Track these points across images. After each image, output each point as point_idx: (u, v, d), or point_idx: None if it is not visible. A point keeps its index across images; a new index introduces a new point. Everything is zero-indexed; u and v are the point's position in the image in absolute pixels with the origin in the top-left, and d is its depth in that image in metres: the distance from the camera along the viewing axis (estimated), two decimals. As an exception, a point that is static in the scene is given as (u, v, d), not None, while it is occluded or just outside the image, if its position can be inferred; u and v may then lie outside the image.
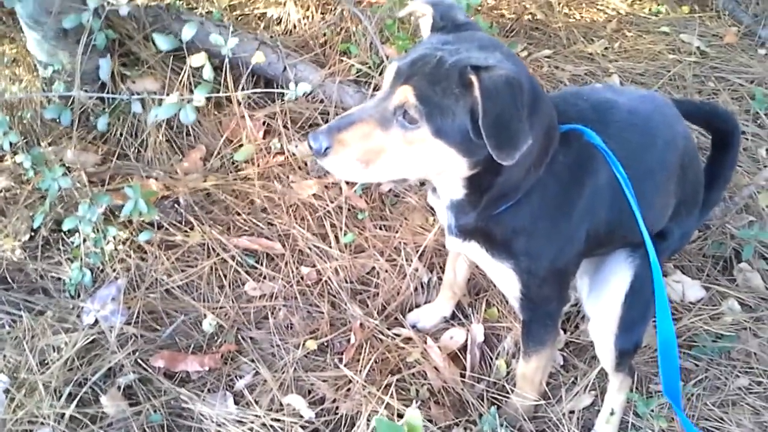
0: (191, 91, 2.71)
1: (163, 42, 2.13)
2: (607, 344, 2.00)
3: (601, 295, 2.00)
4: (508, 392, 2.25)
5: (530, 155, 1.59)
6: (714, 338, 2.44)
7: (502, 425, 2.11)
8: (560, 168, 1.72)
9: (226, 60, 2.25)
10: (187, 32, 2.07)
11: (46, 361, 2.17)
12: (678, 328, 2.45)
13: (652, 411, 2.11)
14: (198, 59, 2.10)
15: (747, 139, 3.26)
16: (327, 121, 3.09)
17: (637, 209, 1.74)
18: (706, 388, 2.31)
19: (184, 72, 2.78)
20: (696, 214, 2.12)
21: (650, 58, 3.81)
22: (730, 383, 2.30)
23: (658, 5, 4.34)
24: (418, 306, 2.54)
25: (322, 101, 3.14)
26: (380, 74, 3.12)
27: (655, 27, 4.10)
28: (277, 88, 3.17)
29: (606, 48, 3.86)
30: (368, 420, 2.07)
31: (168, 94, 2.22)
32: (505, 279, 1.86)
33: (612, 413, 2.12)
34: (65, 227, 2.39)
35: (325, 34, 3.42)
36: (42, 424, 2.02)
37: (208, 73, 2.06)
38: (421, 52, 1.55)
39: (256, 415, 2.09)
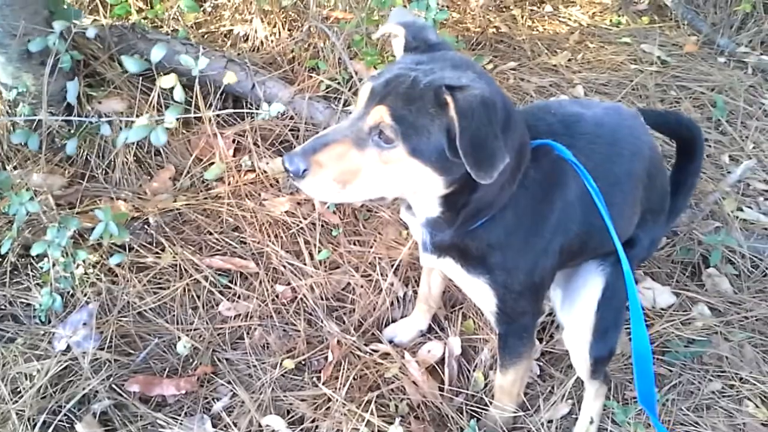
0: (159, 111, 2.70)
1: (131, 65, 2.12)
2: (582, 352, 2.03)
3: (575, 305, 2.02)
4: (486, 404, 2.26)
5: (505, 172, 1.61)
6: (686, 343, 2.48)
7: (482, 437, 2.12)
8: (532, 183, 1.74)
9: (196, 80, 2.23)
10: (156, 53, 2.06)
11: (18, 389, 2.12)
12: (650, 334, 2.48)
13: (630, 419, 2.14)
14: (168, 81, 2.09)
15: (710, 146, 3.34)
16: (297, 138, 3.11)
17: (609, 221, 1.77)
18: (680, 393, 2.35)
19: (154, 92, 2.74)
20: (663, 222, 2.17)
21: (613, 69, 3.89)
22: (703, 387, 2.34)
23: (619, 17, 4.45)
24: (394, 321, 2.54)
25: (292, 118, 3.14)
26: (350, 90, 3.13)
27: (616, 38, 4.20)
28: (247, 105, 3.17)
29: (569, 59, 3.94)
30: (348, 438, 2.06)
31: (136, 115, 2.20)
32: (481, 294, 1.87)
33: (591, 422, 2.14)
34: (34, 252, 2.34)
35: (293, 51, 3.42)
36: (14, 455, 1.97)
37: (179, 94, 2.05)
38: (395, 72, 1.55)
39: (235, 438, 2.07)
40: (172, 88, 2.09)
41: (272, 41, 3.49)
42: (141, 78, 2.98)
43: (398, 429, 2.01)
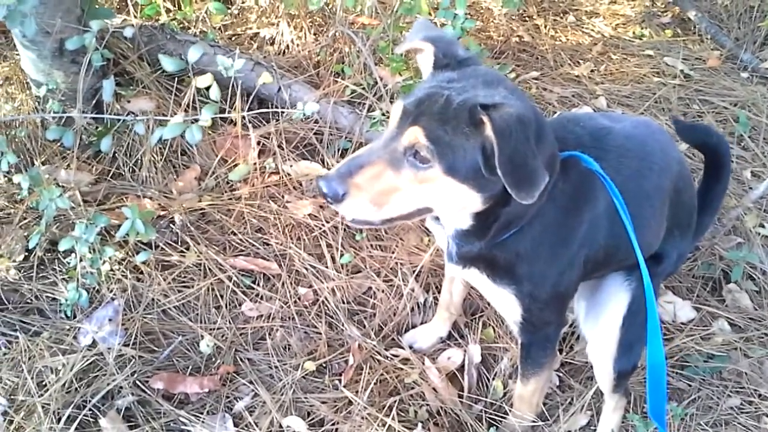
0: (187, 111, 2.74)
1: (168, 64, 2.15)
2: (605, 366, 2.03)
3: (599, 318, 2.03)
4: (505, 413, 2.27)
5: (545, 190, 1.62)
6: (706, 358, 2.48)
7: (501, 445, 2.13)
8: (560, 195, 1.74)
9: (231, 81, 2.26)
10: (194, 54, 2.10)
11: (44, 383, 2.15)
12: (670, 348, 2.49)
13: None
14: (204, 80, 2.12)
15: (732, 161, 3.33)
16: (321, 142, 3.14)
17: (634, 236, 1.77)
18: (699, 408, 2.35)
19: (189, 91, 2.76)
20: (690, 237, 2.17)
21: (636, 81, 3.89)
22: (722, 403, 2.34)
23: (642, 29, 4.44)
24: (414, 326, 2.55)
25: (316, 122, 3.16)
26: (374, 95, 3.15)
27: (639, 50, 4.19)
28: (271, 108, 3.19)
29: (592, 70, 3.94)
30: (369, 443, 2.08)
31: (165, 115, 2.24)
32: (506, 304, 1.88)
33: (611, 433, 2.15)
34: (61, 248, 2.38)
35: (318, 55, 3.45)
36: (40, 448, 2.00)
37: (215, 93, 2.08)
38: (428, 91, 1.55)
39: (257, 438, 2.10)
40: (208, 87, 2.12)
41: (298, 45, 3.52)
42: (169, 78, 3.02)
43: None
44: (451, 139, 1.49)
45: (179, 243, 2.67)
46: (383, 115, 3.11)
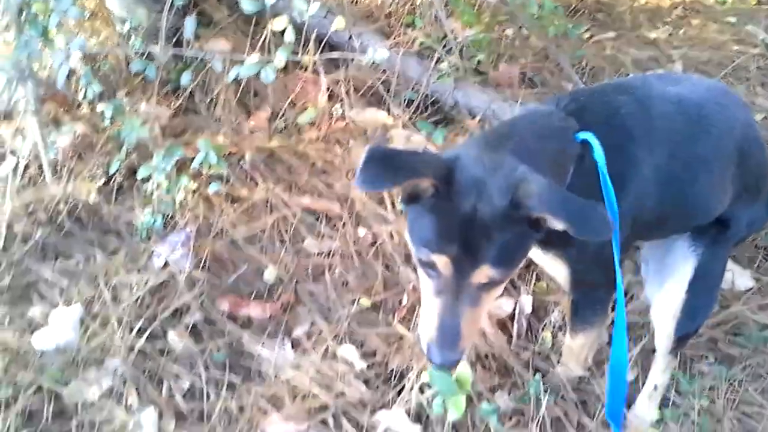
0: (261, 53, 2.82)
1: (247, 4, 2.23)
2: (666, 329, 2.06)
3: (665, 282, 2.04)
4: (553, 363, 2.32)
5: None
6: (761, 328, 2.46)
7: (546, 392, 2.18)
8: (591, 167, 1.71)
9: (306, 26, 2.33)
10: (272, -4, 2.17)
11: (118, 297, 2.31)
12: (725, 314, 2.49)
13: (695, 389, 2.16)
14: (280, 22, 2.19)
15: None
16: (389, 91, 3.18)
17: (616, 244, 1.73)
18: (749, 375, 2.35)
19: (266, 33, 2.82)
20: (763, 203, 2.12)
21: (714, 48, 3.79)
22: (772, 372, 2.34)
23: (726, -5, 4.29)
24: (468, 275, 2.60)
25: (384, 71, 3.20)
26: (443, 48, 3.16)
27: (721, 16, 4.06)
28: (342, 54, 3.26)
29: (670, 34, 3.85)
30: (418, 375, 2.17)
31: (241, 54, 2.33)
32: (554, 266, 1.91)
33: (655, 388, 2.18)
34: (140, 175, 2.53)
35: (390, 5, 3.48)
36: (113, 353, 2.16)
37: (289, 35, 2.15)
38: (452, 223, 1.46)
39: (312, 362, 2.21)
40: (283, 30, 2.20)
41: (371, -6, 3.55)
42: (245, 22, 3.11)
43: (466, 365, 2.10)
44: (508, 247, 1.47)
45: (248, 179, 2.79)
46: (451, 67, 3.14)
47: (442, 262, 1.47)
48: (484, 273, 1.47)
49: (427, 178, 1.43)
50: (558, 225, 1.40)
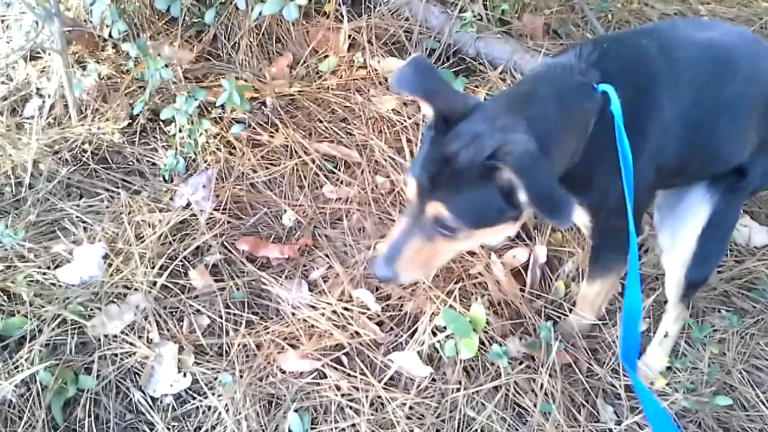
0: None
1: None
2: (677, 275, 2.06)
3: (678, 228, 2.04)
4: (565, 311, 2.36)
5: (562, 155, 1.66)
6: (774, 284, 2.48)
7: (557, 339, 2.22)
8: (611, 116, 1.70)
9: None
10: (295, -64, 2.15)
11: (141, 235, 2.37)
12: (740, 269, 2.49)
13: (705, 337, 2.19)
14: (304, -36, 2.18)
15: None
16: (410, 40, 3.17)
17: (630, 183, 1.72)
18: (761, 329, 2.37)
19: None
20: None
21: (743, 5, 3.71)
22: (783, 327, 2.36)
23: (759, -51, 4.17)
24: (484, 223, 2.62)
25: (407, 19, 3.19)
26: (467, -4, 3.14)
27: (751, -28, 3.96)
28: (364, 3, 3.24)
29: (699, -11, 3.77)
30: (431, 319, 2.21)
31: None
32: (577, 213, 1.91)
33: (665, 335, 2.21)
34: (163, 117, 2.56)
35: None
36: (135, 289, 2.23)
37: (312, -25, 2.14)
38: (434, 158, 1.56)
39: (328, 303, 2.27)
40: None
41: (396, -58, 3.50)
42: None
43: (480, 306, 2.14)
44: (470, 199, 1.54)
45: (269, 125, 2.81)
46: (475, 17, 3.11)
47: (411, 185, 1.61)
48: (436, 208, 1.56)
49: (442, 106, 1.57)
50: (522, 195, 1.47)
